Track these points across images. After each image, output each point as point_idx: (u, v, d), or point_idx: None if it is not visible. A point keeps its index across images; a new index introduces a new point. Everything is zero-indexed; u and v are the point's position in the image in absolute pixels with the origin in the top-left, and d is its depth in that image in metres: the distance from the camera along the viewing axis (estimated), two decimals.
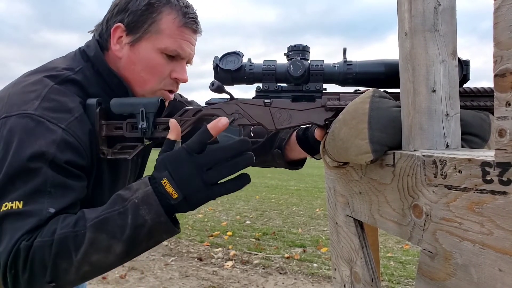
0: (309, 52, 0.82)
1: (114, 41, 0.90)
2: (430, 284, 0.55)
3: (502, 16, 0.41)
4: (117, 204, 0.72)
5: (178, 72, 0.92)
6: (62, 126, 0.78)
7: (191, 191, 0.70)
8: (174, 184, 0.70)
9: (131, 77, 0.91)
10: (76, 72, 0.88)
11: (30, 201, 0.72)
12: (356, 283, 0.83)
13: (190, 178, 0.70)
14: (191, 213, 6.13)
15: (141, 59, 0.89)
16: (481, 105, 0.71)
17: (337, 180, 0.90)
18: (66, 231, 0.70)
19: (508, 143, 0.41)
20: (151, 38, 0.88)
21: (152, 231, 0.71)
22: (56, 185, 0.75)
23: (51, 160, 0.74)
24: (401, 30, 0.63)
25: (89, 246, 0.69)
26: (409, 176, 0.58)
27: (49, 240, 0.70)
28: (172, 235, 0.74)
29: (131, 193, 0.72)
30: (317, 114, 0.81)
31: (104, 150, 0.87)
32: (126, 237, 0.70)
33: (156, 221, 0.70)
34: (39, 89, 0.81)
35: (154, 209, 0.70)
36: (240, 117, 0.84)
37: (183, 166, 0.70)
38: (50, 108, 0.79)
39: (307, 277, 3.36)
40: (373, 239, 1.00)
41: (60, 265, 0.70)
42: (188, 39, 0.91)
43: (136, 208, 0.70)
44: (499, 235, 0.43)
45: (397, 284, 3.13)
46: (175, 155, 0.72)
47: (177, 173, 0.70)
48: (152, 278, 3.40)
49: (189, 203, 0.72)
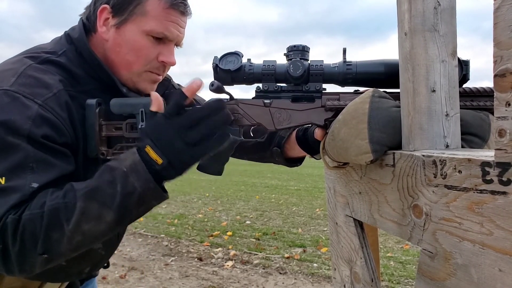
0: (308, 52, 0.82)
1: (100, 23, 0.89)
2: (430, 284, 0.55)
3: (502, 16, 0.41)
4: (106, 173, 0.73)
5: (165, 55, 0.90)
6: (38, 102, 0.77)
7: (174, 154, 0.72)
8: (157, 150, 0.72)
9: (117, 60, 0.90)
10: (59, 55, 0.87)
11: (13, 176, 0.72)
12: (356, 283, 0.83)
13: (171, 141, 0.72)
14: (191, 213, 6.13)
15: (127, 42, 0.88)
16: (481, 105, 0.71)
17: (337, 180, 0.90)
18: (57, 202, 0.71)
19: (508, 143, 0.41)
20: (136, 20, 0.87)
21: (142, 198, 0.72)
22: (38, 160, 0.75)
23: (27, 136, 0.74)
24: (401, 30, 0.63)
25: (81, 215, 0.70)
26: (409, 176, 0.58)
27: (39, 212, 0.70)
28: (161, 200, 0.76)
29: (119, 162, 0.73)
30: (316, 114, 0.81)
31: (104, 151, 0.86)
32: (116, 204, 0.71)
33: (145, 187, 0.71)
34: (16, 67, 0.81)
35: (143, 176, 0.71)
36: (240, 117, 0.84)
37: (163, 131, 0.73)
38: (26, 84, 0.78)
39: (307, 277, 3.36)
40: (373, 239, 1.00)
41: (52, 236, 0.70)
42: (175, 21, 0.89)
43: (125, 176, 0.71)
44: (499, 235, 0.43)
45: (397, 284, 3.13)
46: (155, 122, 0.74)
47: (158, 139, 0.73)
48: (152, 278, 3.40)
49: (175, 168, 0.74)
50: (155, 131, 0.74)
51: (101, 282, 3.25)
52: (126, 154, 0.75)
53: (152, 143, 0.73)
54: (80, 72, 0.88)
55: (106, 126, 0.87)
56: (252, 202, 7.16)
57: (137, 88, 0.93)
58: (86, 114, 0.85)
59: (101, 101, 0.87)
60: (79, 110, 0.85)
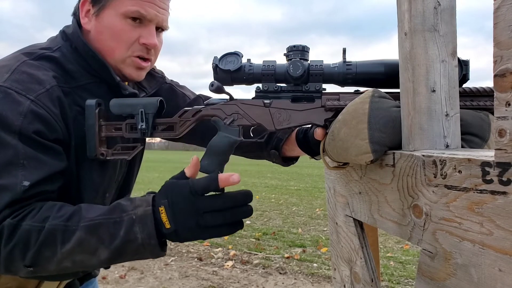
0: (308, 53, 0.82)
1: (82, 15, 0.90)
2: (430, 284, 0.55)
3: (502, 16, 0.41)
4: (115, 213, 0.73)
5: (145, 37, 0.90)
6: (30, 98, 0.77)
7: (183, 228, 0.71)
8: (169, 216, 0.71)
9: (101, 48, 0.90)
10: (54, 51, 0.88)
11: (4, 174, 0.72)
12: (356, 283, 0.83)
13: (185, 216, 0.71)
14: None
15: (106, 27, 0.89)
16: (481, 105, 0.71)
17: (337, 180, 0.90)
18: (58, 223, 0.71)
19: (508, 143, 0.41)
20: (112, 4, 0.88)
21: (140, 249, 0.72)
22: (29, 157, 0.74)
23: (18, 132, 0.74)
24: (401, 30, 0.63)
25: (77, 245, 0.70)
26: (409, 176, 0.58)
27: (39, 226, 0.70)
28: (156, 257, 0.76)
29: (132, 207, 0.73)
30: (316, 114, 0.81)
31: (103, 151, 0.86)
32: (114, 246, 0.71)
33: (146, 242, 0.71)
34: (11, 64, 0.81)
35: (148, 230, 0.71)
36: (240, 117, 0.84)
37: (182, 203, 0.71)
38: (19, 80, 0.79)
39: (307, 277, 3.36)
40: (373, 239, 1.00)
41: (43, 253, 0.71)
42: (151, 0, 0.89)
43: (131, 223, 0.71)
44: (499, 235, 0.43)
45: (397, 284, 3.13)
46: (179, 189, 0.73)
47: (175, 207, 0.71)
48: (152, 278, 3.40)
49: (178, 237, 0.73)
50: (174, 197, 0.72)
51: (101, 282, 3.25)
52: (142, 201, 0.74)
53: (168, 206, 0.71)
54: (75, 67, 0.89)
55: (105, 126, 0.87)
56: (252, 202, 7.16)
57: (124, 74, 0.93)
58: (85, 114, 0.85)
59: (101, 102, 0.87)
60: (72, 106, 0.86)
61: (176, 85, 1.15)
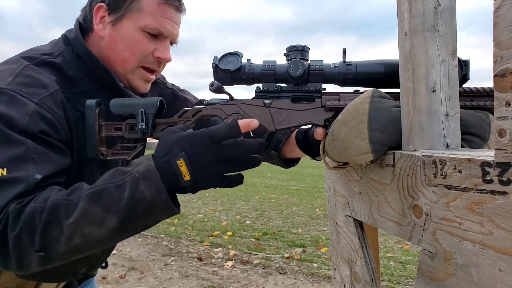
0: (308, 53, 0.82)
1: (96, 21, 0.90)
2: (430, 284, 0.55)
3: (502, 16, 0.41)
4: (115, 176, 0.70)
5: (161, 51, 0.92)
6: (35, 101, 0.78)
7: (204, 177, 0.70)
8: (190, 167, 0.68)
9: (113, 56, 0.91)
10: (55, 57, 0.88)
11: (15, 168, 0.72)
12: (356, 283, 0.83)
13: (208, 166, 0.69)
14: (191, 212, 6.13)
15: (123, 38, 0.89)
16: (481, 105, 0.71)
17: (337, 180, 0.90)
18: (60, 199, 0.69)
19: (508, 143, 0.41)
20: (132, 16, 0.88)
21: (151, 208, 0.68)
22: (39, 152, 0.75)
23: (25, 131, 0.74)
24: (401, 30, 0.63)
25: (82, 217, 0.67)
26: (409, 176, 0.58)
27: (41, 206, 0.68)
28: (171, 214, 0.72)
29: (132, 167, 0.71)
30: (316, 114, 0.81)
31: (104, 151, 0.87)
32: (121, 211, 0.67)
33: (155, 198, 0.68)
34: (14, 67, 0.82)
35: (155, 185, 0.68)
36: (240, 117, 0.84)
37: (204, 152, 0.69)
38: (23, 83, 0.79)
39: (307, 277, 3.36)
40: (373, 239, 1.00)
41: (50, 232, 0.67)
42: (170, 17, 0.90)
43: (135, 182, 0.68)
44: (499, 235, 0.43)
45: (397, 284, 3.13)
46: (199, 138, 0.70)
47: (196, 158, 0.69)
48: (152, 278, 3.40)
49: (195, 188, 0.71)
50: (194, 148, 0.69)
51: (101, 282, 3.25)
52: (141, 159, 0.72)
53: (187, 158, 0.68)
54: (76, 73, 0.89)
55: (106, 126, 0.87)
56: (252, 202, 7.16)
57: (131, 85, 0.94)
58: (86, 114, 0.85)
59: (101, 102, 0.87)
60: (73, 112, 0.86)
61: (178, 89, 1.15)
